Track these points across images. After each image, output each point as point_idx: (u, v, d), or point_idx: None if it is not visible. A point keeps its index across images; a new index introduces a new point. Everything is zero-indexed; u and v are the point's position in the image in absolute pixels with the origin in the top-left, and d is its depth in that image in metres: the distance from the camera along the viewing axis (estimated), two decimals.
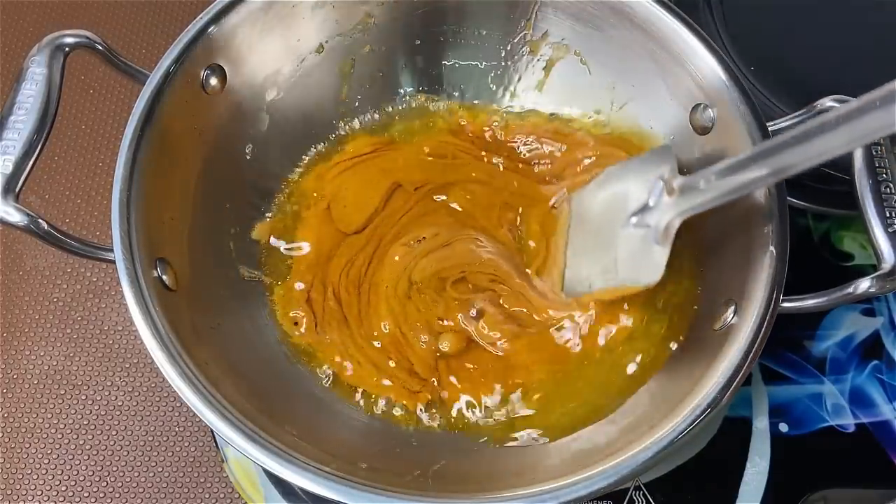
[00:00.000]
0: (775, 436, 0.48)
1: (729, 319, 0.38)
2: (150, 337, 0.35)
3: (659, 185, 0.41)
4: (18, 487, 0.49)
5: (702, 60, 0.43)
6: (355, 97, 0.51)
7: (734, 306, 0.39)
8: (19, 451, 0.50)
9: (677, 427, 0.34)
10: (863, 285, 0.37)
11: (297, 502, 0.46)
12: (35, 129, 0.37)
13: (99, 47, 0.40)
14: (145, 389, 0.52)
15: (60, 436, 0.50)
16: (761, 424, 0.49)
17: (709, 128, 0.44)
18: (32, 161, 0.37)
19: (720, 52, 0.43)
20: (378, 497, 0.33)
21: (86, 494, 0.49)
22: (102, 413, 0.51)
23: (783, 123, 0.42)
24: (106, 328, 0.54)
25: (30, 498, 0.48)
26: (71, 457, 0.50)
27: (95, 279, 0.55)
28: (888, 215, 0.37)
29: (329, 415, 0.43)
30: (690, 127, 0.45)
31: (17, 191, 0.36)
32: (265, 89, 0.47)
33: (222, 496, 0.49)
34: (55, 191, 0.58)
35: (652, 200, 0.42)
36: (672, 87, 0.45)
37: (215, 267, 0.44)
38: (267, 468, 0.33)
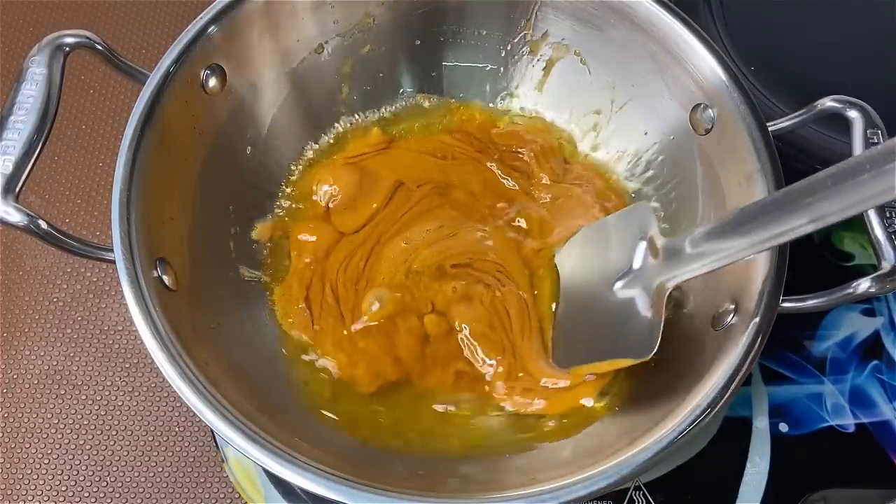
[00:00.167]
0: (775, 436, 0.48)
1: (729, 319, 0.38)
2: (150, 337, 0.35)
3: (642, 247, 0.39)
4: (18, 487, 0.49)
5: (702, 60, 0.43)
6: (355, 97, 0.52)
7: (734, 306, 0.39)
8: (19, 451, 0.50)
9: (677, 427, 0.34)
10: (863, 285, 0.36)
11: (297, 502, 0.46)
12: (35, 129, 0.37)
13: (99, 47, 0.40)
14: (145, 389, 0.51)
15: (60, 436, 0.50)
16: (761, 424, 0.49)
17: (709, 128, 0.44)
18: (32, 161, 0.37)
19: (720, 52, 0.43)
20: (378, 497, 0.33)
21: (86, 494, 0.49)
22: (102, 413, 0.51)
23: (783, 123, 0.42)
24: (106, 328, 0.54)
25: (30, 498, 0.48)
26: (71, 457, 0.50)
27: (95, 279, 0.55)
28: (888, 215, 0.37)
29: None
30: (690, 127, 0.45)
31: (17, 191, 0.36)
32: (265, 89, 0.47)
33: (222, 496, 0.49)
34: (55, 191, 0.58)
35: (636, 263, 0.40)
36: (672, 87, 0.45)
37: (215, 267, 0.44)
38: (267, 468, 0.33)
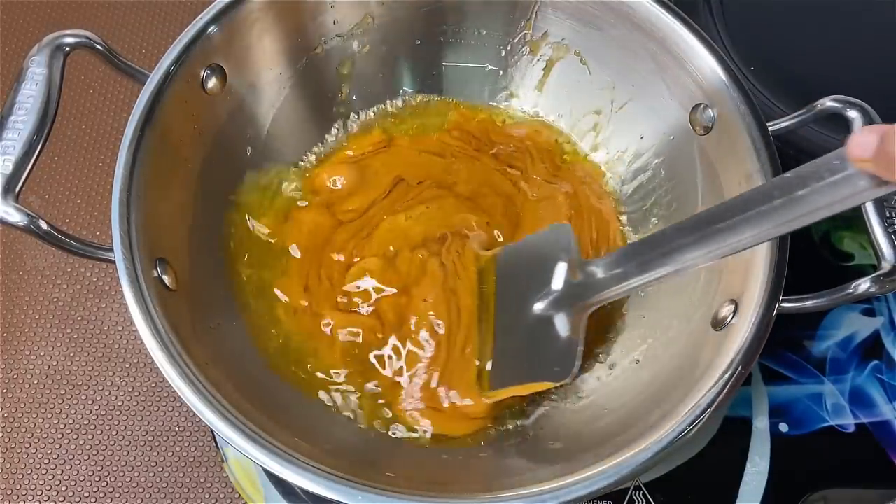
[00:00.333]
0: (775, 436, 0.48)
1: (729, 319, 0.38)
2: (150, 337, 0.35)
3: (562, 268, 0.39)
4: (18, 487, 0.49)
5: (702, 60, 0.43)
6: (355, 97, 0.52)
7: (734, 306, 0.39)
8: (19, 451, 0.50)
9: (677, 427, 0.34)
10: (863, 285, 0.36)
11: (297, 502, 0.46)
12: (35, 129, 0.37)
13: (99, 47, 0.40)
14: (145, 389, 0.51)
15: (60, 436, 0.50)
16: (761, 424, 0.49)
17: (709, 127, 0.44)
18: (32, 161, 0.37)
19: (720, 52, 0.43)
20: (378, 497, 0.33)
21: (86, 494, 0.49)
22: (102, 413, 0.51)
23: (783, 123, 0.42)
24: (106, 328, 0.53)
25: (30, 498, 0.48)
26: (71, 457, 0.50)
27: (95, 279, 0.55)
28: (888, 215, 0.37)
29: (328, 415, 0.43)
30: (690, 127, 0.45)
31: (17, 191, 0.36)
32: (265, 89, 0.47)
33: (222, 496, 0.49)
34: (55, 191, 0.58)
35: (556, 284, 0.39)
36: (672, 87, 0.45)
37: (215, 267, 0.44)
38: (267, 468, 0.33)
